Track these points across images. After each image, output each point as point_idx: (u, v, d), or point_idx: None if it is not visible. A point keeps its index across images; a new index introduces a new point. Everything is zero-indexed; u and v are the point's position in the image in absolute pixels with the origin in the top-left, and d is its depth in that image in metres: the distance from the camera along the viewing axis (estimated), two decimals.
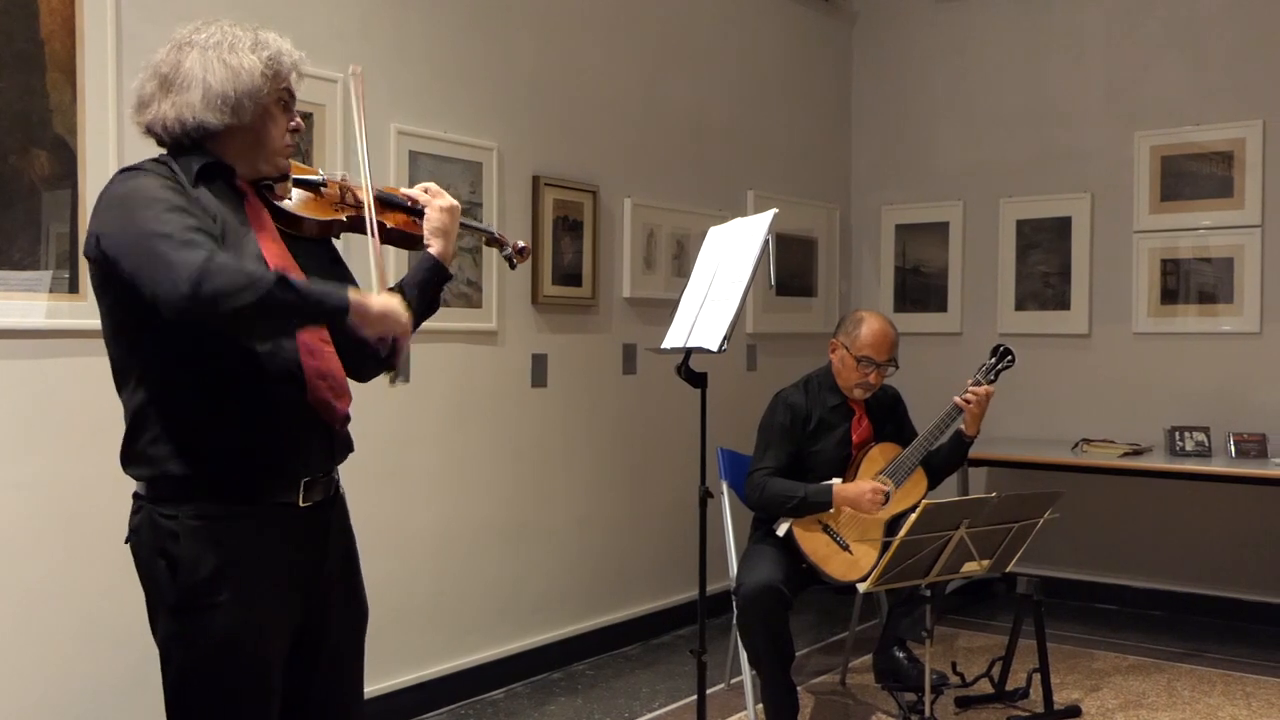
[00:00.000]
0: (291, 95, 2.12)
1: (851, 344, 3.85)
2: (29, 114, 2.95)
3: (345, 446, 2.20)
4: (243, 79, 2.02)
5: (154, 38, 3.16)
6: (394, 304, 2.00)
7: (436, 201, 2.27)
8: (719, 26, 5.41)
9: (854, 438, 3.89)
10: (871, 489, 3.73)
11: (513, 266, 2.50)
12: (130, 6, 3.17)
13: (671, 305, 3.46)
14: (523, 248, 2.47)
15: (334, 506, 2.17)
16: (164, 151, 2.07)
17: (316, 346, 2.08)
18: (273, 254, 2.04)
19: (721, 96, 5.43)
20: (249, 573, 1.99)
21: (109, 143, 3.09)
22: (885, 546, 3.55)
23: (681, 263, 5.09)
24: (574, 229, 4.61)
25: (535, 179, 4.43)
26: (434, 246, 2.26)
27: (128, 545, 2.03)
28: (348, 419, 2.16)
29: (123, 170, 2.01)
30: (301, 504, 2.07)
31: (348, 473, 2.29)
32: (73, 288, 3.01)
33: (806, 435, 3.85)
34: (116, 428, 2.05)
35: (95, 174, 3.04)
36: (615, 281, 4.86)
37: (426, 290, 2.26)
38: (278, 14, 3.43)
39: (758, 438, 3.91)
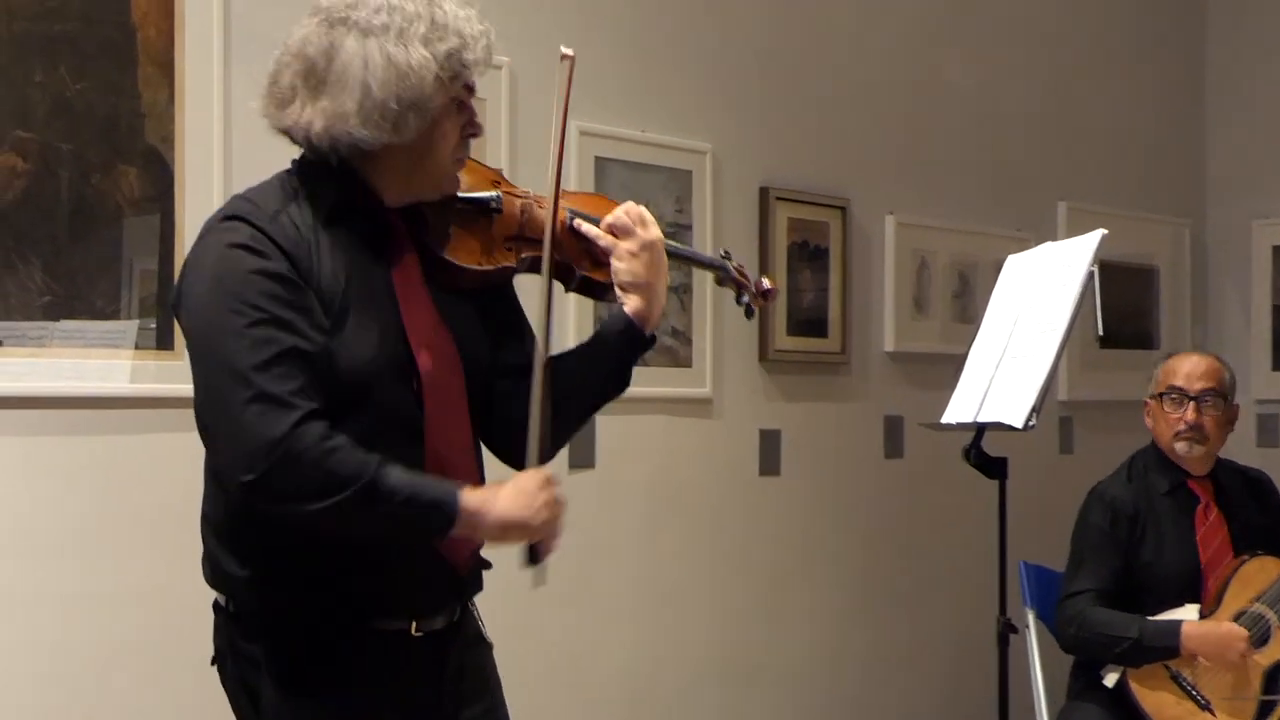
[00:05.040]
0: (471, 90, 2.12)
1: (1157, 385, 3.84)
2: (116, 120, 3.08)
3: (475, 584, 2.27)
4: (410, 83, 2.01)
5: (269, 22, 3.27)
6: (521, 510, 2.02)
7: (633, 237, 2.21)
8: None
9: (1198, 532, 3.78)
10: (1239, 630, 3.58)
11: (750, 315, 2.48)
12: None
13: (954, 363, 3.47)
14: (769, 289, 2.44)
15: (459, 630, 2.22)
16: (295, 161, 2.12)
17: (446, 454, 2.10)
18: (418, 323, 2.08)
19: (1019, 77, 5.39)
20: (346, 716, 2.08)
21: (213, 154, 3.19)
22: (1265, 708, 3.48)
23: (965, 303, 5.06)
24: (817, 258, 4.59)
25: (763, 191, 4.45)
26: (629, 303, 2.23)
27: (214, 667, 2.17)
28: (476, 555, 2.18)
29: (229, 215, 2.04)
30: (415, 633, 2.12)
31: (515, 592, 2.30)
32: (162, 343, 3.10)
33: (1135, 540, 3.79)
34: None
35: (195, 194, 3.14)
36: (873, 330, 4.84)
37: (611, 365, 2.27)
38: None
39: (1071, 549, 3.89)
